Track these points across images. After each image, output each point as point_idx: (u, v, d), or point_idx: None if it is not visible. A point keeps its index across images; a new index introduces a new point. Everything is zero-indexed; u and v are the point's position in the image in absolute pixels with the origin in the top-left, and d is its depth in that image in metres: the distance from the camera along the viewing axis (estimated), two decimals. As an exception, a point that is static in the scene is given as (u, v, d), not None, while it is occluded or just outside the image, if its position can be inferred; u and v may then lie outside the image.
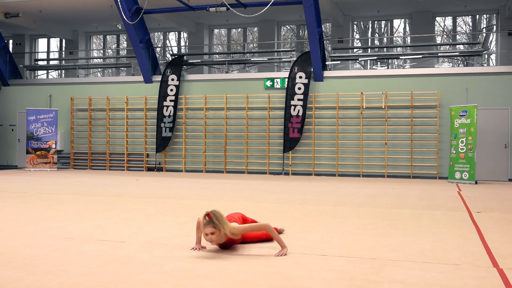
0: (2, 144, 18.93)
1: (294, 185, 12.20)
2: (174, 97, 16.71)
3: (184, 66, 17.43)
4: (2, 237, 5.46)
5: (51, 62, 22.03)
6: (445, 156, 14.39)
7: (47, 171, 16.35)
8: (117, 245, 5.06)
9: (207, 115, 16.63)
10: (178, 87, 16.76)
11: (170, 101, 16.72)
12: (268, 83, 16.13)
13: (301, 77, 15.55)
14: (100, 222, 6.48)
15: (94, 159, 17.77)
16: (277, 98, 15.97)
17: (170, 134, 16.67)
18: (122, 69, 21.00)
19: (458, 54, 16.98)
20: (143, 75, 17.18)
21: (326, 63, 16.24)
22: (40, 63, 21.51)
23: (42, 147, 16.96)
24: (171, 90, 16.76)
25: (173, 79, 16.82)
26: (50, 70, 21.24)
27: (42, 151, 16.94)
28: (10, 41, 21.84)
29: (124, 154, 17.33)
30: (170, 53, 21.90)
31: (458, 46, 18.83)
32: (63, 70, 21.04)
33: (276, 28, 19.58)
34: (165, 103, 16.72)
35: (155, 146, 16.77)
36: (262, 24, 19.44)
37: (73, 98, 17.97)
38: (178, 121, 16.81)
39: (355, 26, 19.75)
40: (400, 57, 16.65)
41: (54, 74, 21.70)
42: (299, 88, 15.52)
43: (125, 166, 17.29)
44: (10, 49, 20.95)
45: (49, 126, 17.08)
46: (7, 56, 18.96)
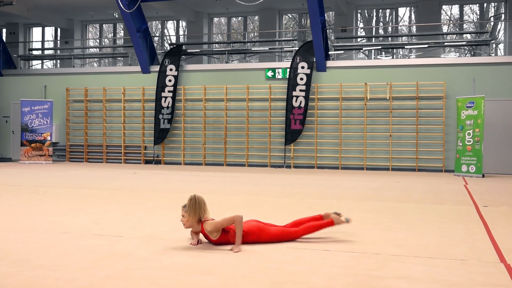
0: (-4, 136, 18.65)
1: (296, 178, 12.13)
2: (172, 88, 16.37)
3: (182, 56, 17.10)
4: (-4, 232, 5.37)
5: (46, 52, 21.69)
6: (451, 148, 14.15)
7: (42, 164, 16.06)
8: (114, 239, 5.02)
9: (207, 106, 16.33)
10: (176, 78, 16.41)
11: (169, 92, 16.36)
12: (269, 74, 15.82)
13: (303, 67, 15.25)
14: (97, 216, 6.45)
15: (90, 152, 17.50)
16: (278, 88, 15.69)
17: (168, 126, 16.35)
18: (119, 59, 20.71)
19: (465, 43, 16.87)
20: (141, 65, 16.90)
21: (329, 53, 16.07)
22: (34, 53, 21.24)
23: (37, 139, 16.64)
24: (170, 80, 16.40)
25: (171, 69, 16.45)
26: (45, 60, 20.93)
27: (37, 143, 16.62)
28: (4, 30, 21.42)
29: (121, 147, 17.07)
30: (169, 42, 21.46)
31: (465, 36, 18.53)
32: (58, 60, 20.74)
33: (277, 16, 19.19)
34: (163, 94, 16.37)
35: (153, 138, 16.53)
36: (263, 12, 19.05)
37: (68, 89, 17.66)
38: (177, 112, 16.52)
39: (359, 15, 19.33)
40: (405, 46, 16.30)
41: (49, 64, 21.33)
42: (301, 78, 15.20)
43: (122, 158, 17.02)
44: (4, 38, 20.59)
45: (44, 118, 16.77)
46: (1, 45, 18.77)
